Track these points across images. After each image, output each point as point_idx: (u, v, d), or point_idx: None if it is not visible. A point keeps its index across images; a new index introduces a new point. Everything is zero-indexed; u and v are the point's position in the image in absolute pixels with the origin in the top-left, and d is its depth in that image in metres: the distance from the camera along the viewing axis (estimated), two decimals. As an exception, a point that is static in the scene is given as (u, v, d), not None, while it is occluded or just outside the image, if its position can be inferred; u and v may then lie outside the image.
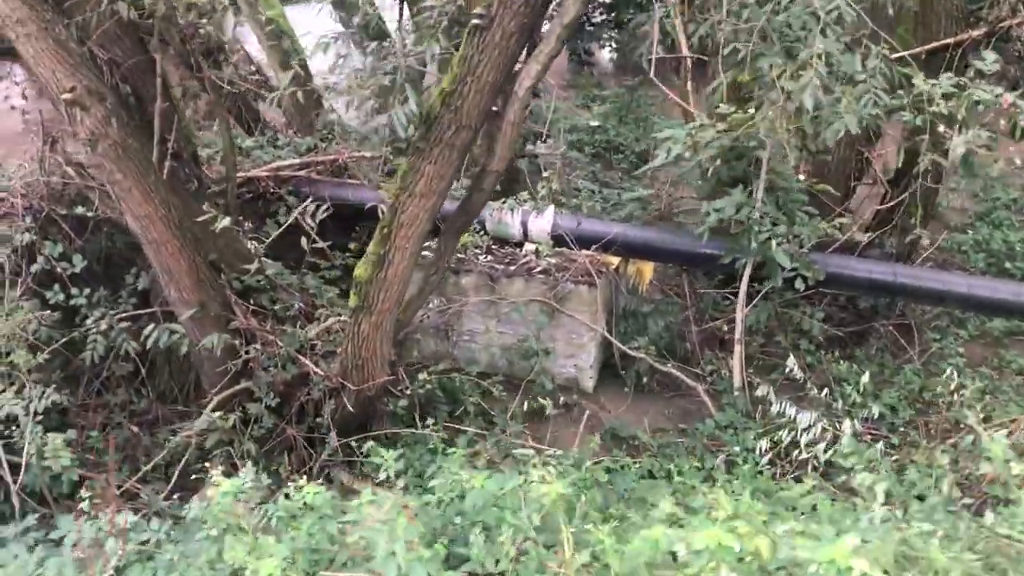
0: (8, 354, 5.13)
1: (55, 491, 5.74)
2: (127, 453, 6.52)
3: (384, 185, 8.45)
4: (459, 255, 8.02)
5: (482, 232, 8.26)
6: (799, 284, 7.00)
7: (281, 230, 7.51)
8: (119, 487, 6.08)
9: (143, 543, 4.15)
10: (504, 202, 8.08)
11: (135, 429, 6.75)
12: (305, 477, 6.45)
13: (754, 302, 7.47)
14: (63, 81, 4.89)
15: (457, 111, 4.78)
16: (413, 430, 6.97)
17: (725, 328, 8.41)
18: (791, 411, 7.03)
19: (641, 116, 13.26)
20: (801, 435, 6.85)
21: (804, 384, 7.49)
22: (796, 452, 6.78)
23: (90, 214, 6.57)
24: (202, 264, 6.15)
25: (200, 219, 5.66)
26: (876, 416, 7.19)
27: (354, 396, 6.25)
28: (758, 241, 6.27)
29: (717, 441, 7.05)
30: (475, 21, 4.47)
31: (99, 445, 5.72)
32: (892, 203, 8.19)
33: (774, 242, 6.24)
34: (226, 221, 5.63)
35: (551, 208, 8.03)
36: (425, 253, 6.38)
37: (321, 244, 7.25)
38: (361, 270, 5.61)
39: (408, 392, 6.95)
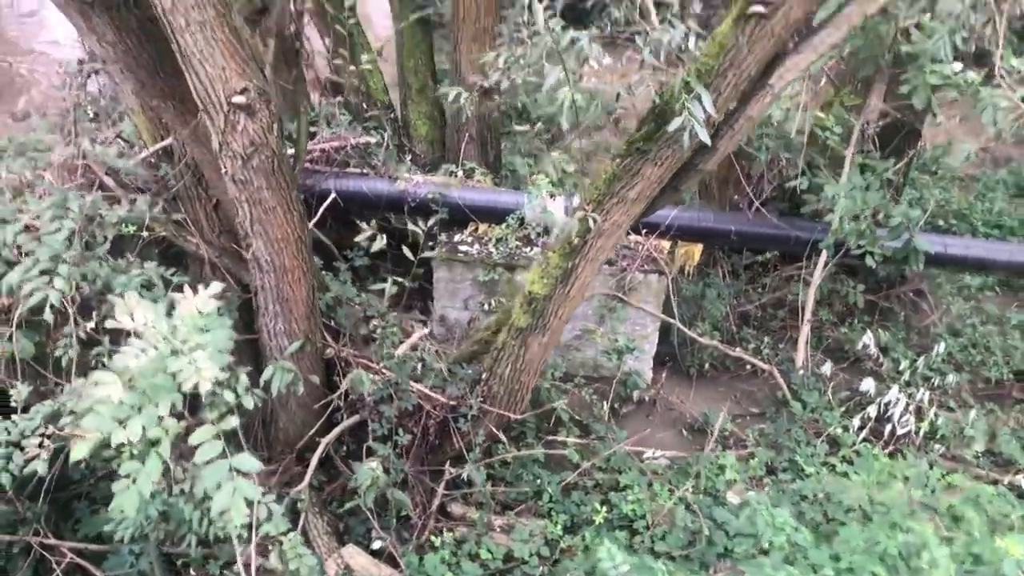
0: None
1: None
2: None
3: (402, 176, 7.65)
4: (507, 249, 7.40)
5: (519, 223, 7.62)
6: (869, 261, 7.03)
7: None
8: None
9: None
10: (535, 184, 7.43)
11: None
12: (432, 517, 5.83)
13: (815, 279, 7.47)
14: (234, 81, 3.85)
15: (707, 108, 4.26)
16: (511, 450, 6.39)
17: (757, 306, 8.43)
18: (870, 387, 7.16)
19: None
20: (890, 409, 7.00)
21: (867, 359, 7.67)
22: (888, 427, 6.93)
23: (144, 235, 5.34)
24: (315, 289, 5.21)
25: (360, 237, 4.74)
26: (938, 383, 7.52)
27: (495, 422, 5.60)
28: (892, 227, 6.17)
29: (810, 423, 7.04)
30: (756, 8, 3.95)
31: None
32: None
33: (916, 227, 6.14)
34: (381, 241, 4.75)
35: (597, 193, 7.56)
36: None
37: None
38: (539, 286, 4.94)
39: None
